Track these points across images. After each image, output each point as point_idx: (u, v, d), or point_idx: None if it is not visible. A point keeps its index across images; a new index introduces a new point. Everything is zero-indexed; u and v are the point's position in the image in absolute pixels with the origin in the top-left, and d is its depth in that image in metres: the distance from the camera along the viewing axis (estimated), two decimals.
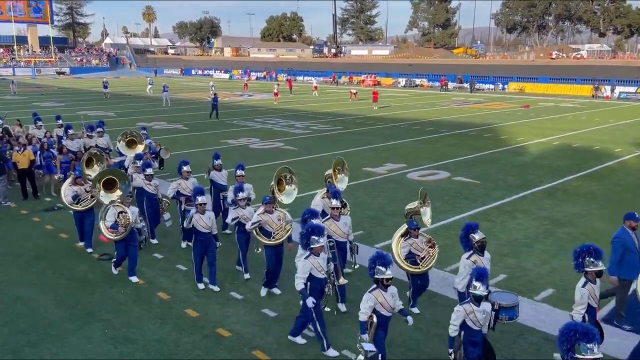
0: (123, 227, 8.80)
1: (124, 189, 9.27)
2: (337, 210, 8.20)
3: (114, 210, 8.92)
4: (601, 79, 50.60)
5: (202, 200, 8.48)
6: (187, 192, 10.19)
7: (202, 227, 8.46)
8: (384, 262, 5.96)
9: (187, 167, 10.51)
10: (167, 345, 7.07)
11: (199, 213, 8.44)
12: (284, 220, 8.39)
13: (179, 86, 61.50)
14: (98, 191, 9.25)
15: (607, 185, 15.72)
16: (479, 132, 26.49)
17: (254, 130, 26.92)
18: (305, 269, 6.78)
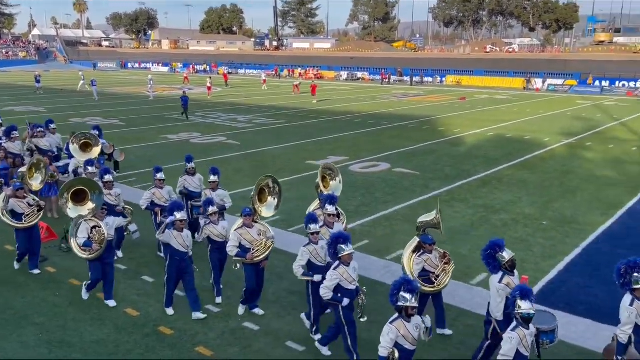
0: (98, 243, 7.72)
1: (96, 200, 8.04)
2: (332, 217, 7.52)
3: (87, 225, 7.81)
4: (532, 72, 53.08)
5: (181, 217, 7.40)
6: (162, 202, 9.28)
7: (179, 246, 7.44)
8: (410, 288, 5.16)
9: (160, 174, 9.45)
10: (106, 346, 6.89)
11: (176, 230, 7.40)
12: (264, 236, 7.52)
13: (114, 80, 59.37)
14: (66, 203, 7.97)
15: (537, 173, 16.57)
16: (418, 124, 27.18)
17: (194, 125, 26.42)
18: (333, 279, 6.22)
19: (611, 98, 42.89)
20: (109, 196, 9.20)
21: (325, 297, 6.28)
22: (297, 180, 15.66)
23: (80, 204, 8.01)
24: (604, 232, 11.35)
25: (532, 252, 10.19)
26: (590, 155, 19.27)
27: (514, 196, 13.98)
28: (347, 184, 15.07)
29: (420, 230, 7.22)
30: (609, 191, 14.45)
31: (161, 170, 9.55)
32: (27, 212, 8.91)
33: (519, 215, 12.38)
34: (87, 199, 8.04)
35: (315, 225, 6.92)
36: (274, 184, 8.08)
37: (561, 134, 23.87)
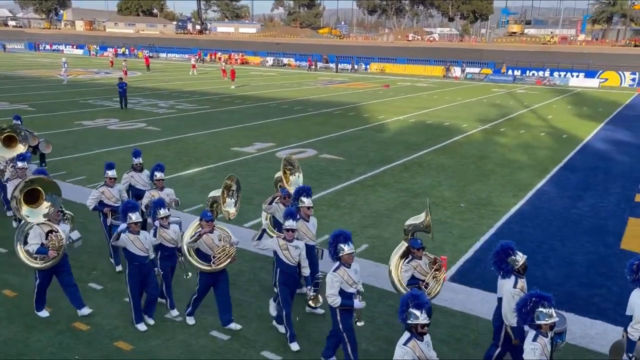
0: (55, 250, 6.78)
1: (52, 200, 7.00)
2: (310, 209, 7.24)
3: (39, 230, 6.84)
4: (451, 60, 55.16)
5: (135, 219, 6.70)
6: (112, 202, 8.43)
7: (138, 250, 6.75)
8: (418, 303, 4.69)
9: (112, 171, 8.58)
10: (15, 346, 6.44)
11: (132, 233, 6.71)
12: (227, 241, 6.86)
13: (22, 62, 55.31)
14: (18, 205, 6.86)
15: (455, 157, 17.28)
16: (343, 110, 27.48)
17: (112, 110, 25.18)
18: (334, 284, 5.81)
19: (523, 86, 45.48)
20: None
21: (334, 304, 5.83)
22: (222, 167, 15.38)
23: (34, 205, 6.93)
24: (515, 212, 12.04)
25: (451, 233, 10.63)
26: (504, 141, 20.36)
27: (434, 180, 14.50)
28: (275, 171, 14.98)
29: (408, 234, 6.68)
30: (520, 174, 15.35)
31: (113, 167, 8.64)
32: None
33: (438, 198, 12.86)
34: (42, 199, 6.99)
35: (292, 222, 6.54)
36: (238, 186, 7.44)
37: (477, 120, 25.02)
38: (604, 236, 10.67)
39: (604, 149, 19.27)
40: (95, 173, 14.07)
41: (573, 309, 7.69)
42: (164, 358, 6.32)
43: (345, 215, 11.59)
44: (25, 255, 6.89)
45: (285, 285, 6.57)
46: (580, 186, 14.31)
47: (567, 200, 13.03)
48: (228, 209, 7.18)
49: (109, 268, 8.67)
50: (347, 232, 6.00)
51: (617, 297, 7.98)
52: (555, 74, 48.99)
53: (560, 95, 38.72)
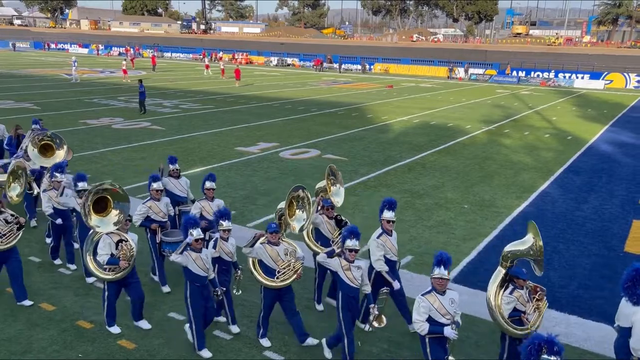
0: (126, 260, 6.52)
1: (121, 208, 6.71)
2: (392, 224, 7.02)
3: (109, 240, 6.57)
4: (455, 61, 55.09)
5: (197, 235, 6.15)
6: (160, 217, 7.91)
7: (199, 269, 6.21)
8: (555, 350, 4.06)
9: (157, 184, 7.98)
10: (19, 343, 6.47)
11: (194, 251, 6.18)
12: (293, 256, 6.47)
13: (28, 61, 55.53)
14: (88, 214, 6.57)
15: (459, 158, 17.26)
16: (347, 111, 27.48)
17: (117, 110, 25.26)
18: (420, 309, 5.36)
19: (527, 87, 45.39)
20: None
21: (421, 331, 5.31)
22: (226, 167, 15.42)
23: (102, 215, 6.66)
24: (519, 214, 12.02)
25: (454, 234, 10.62)
26: (508, 142, 20.32)
27: (438, 181, 14.49)
28: (278, 171, 15.07)
29: (508, 262, 5.81)
30: (524, 175, 15.32)
31: (159, 179, 8.09)
32: (4, 232, 7.18)
33: (441, 199, 12.85)
34: (110, 208, 6.68)
35: (355, 242, 5.95)
36: (305, 196, 7.03)
37: (481, 122, 24.98)
38: (608, 239, 10.64)
39: (609, 151, 19.21)
40: (100, 172, 14.14)
41: (576, 311, 7.69)
42: (166, 357, 6.34)
43: (348, 216, 11.50)
44: (95, 267, 6.65)
45: (347, 311, 6.03)
46: (584, 188, 14.27)
47: (571, 202, 13.00)
48: (295, 223, 6.85)
49: None
50: (444, 254, 5.31)
51: (621, 299, 7.95)
52: (560, 75, 48.89)
53: (565, 96, 38.62)
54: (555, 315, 7.55)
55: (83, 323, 6.97)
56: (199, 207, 8.05)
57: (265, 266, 6.41)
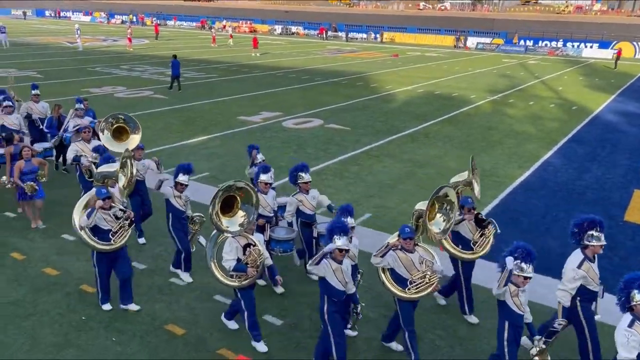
0: (255, 267, 5.87)
1: (247, 211, 5.97)
2: None
3: (235, 244, 5.88)
4: (462, 30, 54.19)
5: (342, 244, 5.26)
6: (268, 211, 7.24)
7: (338, 282, 5.39)
8: None
9: (266, 176, 7.16)
10: (23, 306, 6.62)
11: (335, 261, 5.34)
12: (429, 266, 5.61)
13: (29, 29, 55.02)
14: (217, 216, 5.79)
15: (462, 128, 17.17)
16: (351, 80, 27.24)
17: (119, 78, 25.14)
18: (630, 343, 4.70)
19: (534, 57, 44.72)
20: (178, 199, 7.22)
21: None
22: (229, 135, 15.42)
23: (229, 215, 5.93)
24: (521, 183, 12.02)
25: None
26: (512, 112, 20.15)
27: (440, 151, 14.46)
28: (280, 140, 15.06)
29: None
30: (527, 145, 15.25)
31: (269, 170, 7.25)
32: (116, 229, 6.45)
33: (443, 169, 12.83)
34: (237, 208, 5.96)
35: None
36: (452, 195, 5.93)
37: (486, 91, 24.74)
38: (608, 208, 10.65)
39: (614, 121, 19.04)
40: None
41: None
42: (167, 320, 6.47)
43: (349, 185, 11.63)
44: (220, 273, 6.07)
45: None
46: (587, 158, 14.21)
47: (573, 172, 12.97)
48: (434, 227, 5.86)
49: None
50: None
51: (619, 268, 8.01)
52: (569, 44, 48.10)
53: (573, 66, 38.07)
54: (551, 283, 7.62)
55: (87, 287, 7.10)
56: (296, 202, 7.33)
57: (395, 273, 5.67)
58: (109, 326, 6.29)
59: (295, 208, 7.33)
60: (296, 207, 7.33)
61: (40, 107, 12.05)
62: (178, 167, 7.24)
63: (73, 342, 5.98)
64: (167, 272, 7.60)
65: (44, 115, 11.91)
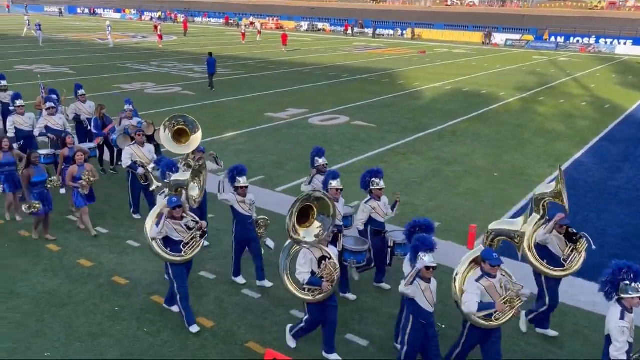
0: (330, 282, 5.53)
1: (322, 222, 5.62)
2: None
3: (310, 256, 5.58)
4: (491, 26, 53.37)
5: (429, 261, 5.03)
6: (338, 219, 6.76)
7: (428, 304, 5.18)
8: None
9: (336, 182, 6.93)
10: (59, 296, 6.84)
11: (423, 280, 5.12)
12: (513, 291, 5.13)
13: (61, 26, 56.26)
14: (293, 228, 5.48)
15: (491, 126, 16.96)
16: (378, 77, 27.13)
17: (149, 75, 25.55)
18: None
19: (566, 54, 43.78)
20: (242, 204, 7.05)
21: None
22: (256, 132, 15.55)
23: (305, 226, 5.62)
24: None
25: (483, 202, 10.55)
26: (542, 110, 19.81)
27: (468, 149, 14.32)
28: (306, 137, 15.13)
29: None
30: (558, 144, 14.99)
31: (338, 177, 7.01)
32: (188, 240, 6.19)
33: (471, 167, 12.73)
34: (312, 219, 5.65)
35: None
36: None
37: (516, 89, 24.36)
38: None
39: None
40: None
41: None
42: (197, 313, 6.59)
43: None
44: (293, 285, 5.72)
45: None
46: (619, 158, 13.90)
47: (604, 171, 12.71)
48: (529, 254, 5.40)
49: None
50: None
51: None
52: (602, 41, 46.92)
53: (606, 63, 37.16)
54: (582, 284, 7.51)
55: (119, 279, 7.30)
56: (369, 209, 6.99)
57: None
58: (140, 317, 6.46)
59: (368, 216, 6.97)
60: (369, 214, 6.96)
61: (88, 107, 11.98)
62: (231, 170, 6.98)
63: (107, 331, 6.16)
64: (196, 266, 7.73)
65: (92, 115, 11.74)
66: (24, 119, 10.83)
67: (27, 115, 10.97)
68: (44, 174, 8.18)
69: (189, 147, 8.33)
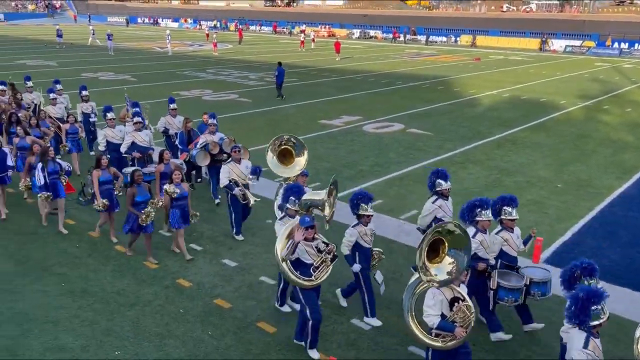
0: (465, 327, 4.90)
1: (456, 257, 4.95)
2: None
3: (440, 297, 4.93)
4: (549, 32, 51.74)
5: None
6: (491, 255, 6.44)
7: None
8: None
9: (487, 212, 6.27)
10: (127, 296, 7.06)
11: None
12: None
13: (124, 35, 58.65)
14: (423, 267, 4.86)
15: (552, 135, 16.39)
16: (432, 84, 26.79)
17: (206, 82, 26.23)
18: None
19: (630, 60, 41.85)
20: (365, 237, 6.49)
21: None
22: (311, 139, 15.59)
23: (436, 261, 4.98)
24: (619, 195, 11.29)
25: (547, 214, 10.18)
26: (607, 119, 18.98)
27: (529, 158, 13.88)
28: (361, 144, 15.08)
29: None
30: (625, 155, 14.31)
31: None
32: (317, 263, 5.82)
33: (533, 177, 12.32)
34: (443, 253, 4.98)
35: None
36: None
37: (578, 97, 23.46)
38: None
39: None
40: None
41: None
42: (258, 317, 6.66)
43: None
44: (419, 329, 5.10)
45: None
46: None
47: None
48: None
49: (208, 231, 9.17)
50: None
51: None
52: None
53: None
54: None
55: (183, 281, 7.47)
56: (501, 240, 6.43)
57: None
58: (204, 320, 6.57)
59: (499, 248, 6.42)
60: (500, 247, 6.41)
61: (177, 122, 11.60)
62: (357, 197, 6.52)
63: (173, 332, 6.31)
64: (257, 270, 7.82)
65: (178, 128, 11.48)
66: (115, 131, 10.80)
67: (118, 127, 10.93)
68: (146, 193, 7.92)
69: (292, 170, 7.91)
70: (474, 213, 6.22)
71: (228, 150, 9.68)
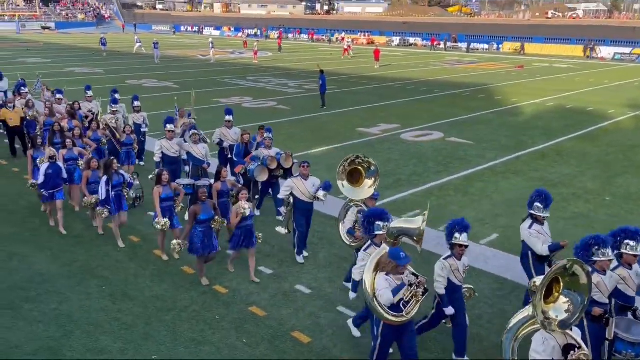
0: None
1: (572, 297, 4.49)
2: None
3: (553, 342, 4.41)
4: (596, 39, 50.15)
5: None
6: None
7: None
8: None
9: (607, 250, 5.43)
10: (165, 301, 7.16)
11: None
12: None
13: (168, 43, 60.19)
14: (539, 308, 4.40)
15: (600, 146, 15.80)
16: (472, 92, 26.33)
17: (246, 89, 26.57)
18: None
19: None
20: (457, 273, 5.88)
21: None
22: (348, 147, 15.56)
23: (550, 303, 4.50)
24: None
25: (594, 228, 9.75)
26: None
27: (575, 170, 13.42)
28: (399, 153, 14.93)
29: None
30: None
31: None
32: (407, 297, 5.23)
33: (579, 189, 11.89)
34: (557, 293, 4.51)
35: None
36: None
37: (627, 106, 22.58)
38: None
39: None
40: None
41: None
42: (293, 327, 6.62)
43: (474, 202, 11.18)
44: None
45: None
46: None
47: None
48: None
49: None
50: None
51: None
52: None
53: None
54: None
55: (219, 288, 7.52)
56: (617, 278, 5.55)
57: None
58: (239, 328, 6.58)
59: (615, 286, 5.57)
60: (615, 284, 5.55)
61: (233, 134, 11.33)
62: (453, 225, 5.94)
63: (208, 339, 6.34)
64: (292, 279, 7.80)
65: (236, 142, 11.15)
66: (172, 144, 10.38)
67: (175, 140, 10.54)
68: (210, 211, 7.48)
69: (361, 193, 7.47)
70: (589, 252, 5.39)
71: (286, 166, 9.59)
